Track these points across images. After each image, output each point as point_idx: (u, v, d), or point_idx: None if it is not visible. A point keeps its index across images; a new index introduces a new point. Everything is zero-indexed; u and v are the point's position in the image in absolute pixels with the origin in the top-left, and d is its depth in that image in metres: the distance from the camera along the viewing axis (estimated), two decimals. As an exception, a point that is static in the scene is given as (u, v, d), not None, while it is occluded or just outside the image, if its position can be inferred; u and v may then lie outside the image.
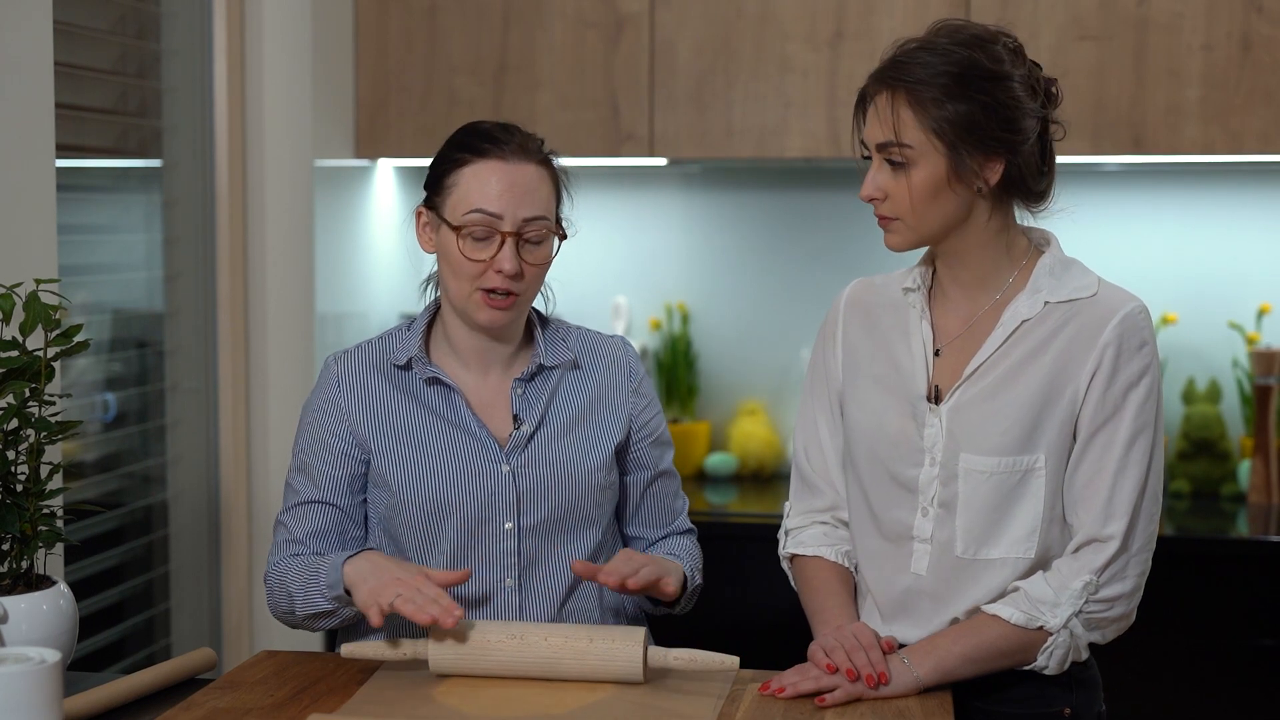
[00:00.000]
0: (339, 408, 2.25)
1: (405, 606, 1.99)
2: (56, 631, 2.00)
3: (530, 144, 2.22)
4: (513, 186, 2.17)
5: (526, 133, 2.24)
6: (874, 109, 2.05)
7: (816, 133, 3.59)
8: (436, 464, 2.21)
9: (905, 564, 2.11)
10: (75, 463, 3.01)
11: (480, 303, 2.19)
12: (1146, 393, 2.03)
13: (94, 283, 3.12)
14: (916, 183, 2.02)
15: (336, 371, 2.28)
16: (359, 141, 3.75)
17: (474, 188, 2.17)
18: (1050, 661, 2.03)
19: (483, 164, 2.18)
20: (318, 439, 2.26)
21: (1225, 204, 3.81)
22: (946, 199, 2.03)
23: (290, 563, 2.21)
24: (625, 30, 3.65)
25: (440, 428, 2.23)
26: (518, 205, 2.17)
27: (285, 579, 2.19)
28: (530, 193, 2.18)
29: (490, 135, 2.21)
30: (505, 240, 2.16)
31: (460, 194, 2.18)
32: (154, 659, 3.22)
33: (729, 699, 1.97)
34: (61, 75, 2.78)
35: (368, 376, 2.27)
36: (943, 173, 2.01)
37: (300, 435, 2.29)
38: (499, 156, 2.18)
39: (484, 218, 2.16)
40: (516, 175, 2.18)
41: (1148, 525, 2.04)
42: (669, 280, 4.04)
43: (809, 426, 2.24)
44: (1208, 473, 3.73)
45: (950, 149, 2.00)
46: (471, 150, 2.20)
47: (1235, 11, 3.43)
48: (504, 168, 2.18)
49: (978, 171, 2.02)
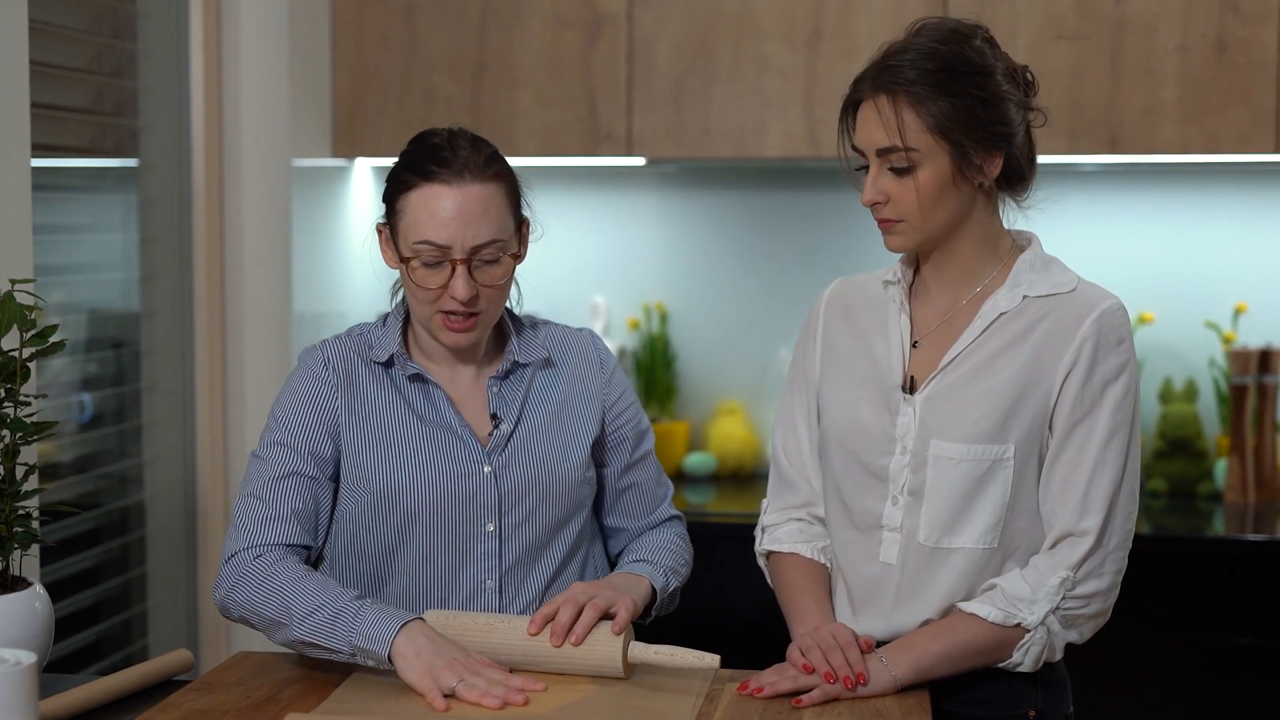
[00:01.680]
0: (326, 383, 2.21)
1: (469, 694, 1.91)
2: (32, 633, 1.99)
3: (476, 158, 2.14)
4: (460, 213, 2.11)
5: (475, 143, 2.17)
6: (870, 114, 2.04)
7: (795, 132, 3.59)
8: (418, 461, 2.20)
9: (875, 553, 2.11)
10: (51, 463, 3.00)
11: (441, 325, 2.16)
12: (1124, 389, 2.04)
13: (70, 283, 3.11)
14: (923, 183, 2.02)
15: (323, 354, 2.23)
16: (336, 141, 3.75)
17: (421, 217, 2.11)
18: (1026, 658, 2.04)
19: (428, 189, 2.11)
20: (298, 414, 2.19)
21: (1202, 204, 3.83)
22: (951, 197, 2.04)
23: (293, 573, 2.08)
24: (604, 29, 3.64)
25: (421, 427, 2.22)
26: (466, 232, 2.11)
27: (285, 591, 2.06)
28: (479, 217, 2.12)
29: (436, 153, 2.14)
30: (456, 268, 2.11)
31: (408, 222, 2.13)
32: (131, 660, 3.21)
33: (708, 698, 1.98)
34: (37, 74, 2.76)
35: (353, 363, 2.23)
36: (947, 172, 2.02)
37: (278, 410, 2.22)
38: (443, 180, 2.11)
39: (432, 249, 2.11)
40: (463, 200, 2.11)
41: (1124, 522, 2.05)
42: (647, 280, 4.04)
43: (788, 423, 2.25)
44: (1184, 472, 3.74)
45: (954, 146, 2.01)
46: (418, 172, 2.13)
47: (1211, 12, 3.44)
48: (449, 193, 2.11)
49: (980, 166, 2.04)
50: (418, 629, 1.99)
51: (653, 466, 2.38)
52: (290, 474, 2.17)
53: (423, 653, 1.96)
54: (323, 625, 2.02)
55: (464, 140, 2.17)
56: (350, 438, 2.21)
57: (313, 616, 2.03)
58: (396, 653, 1.97)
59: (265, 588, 2.08)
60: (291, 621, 2.04)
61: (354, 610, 2.01)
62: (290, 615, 2.05)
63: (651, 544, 2.33)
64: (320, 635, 2.02)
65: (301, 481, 2.17)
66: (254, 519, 2.15)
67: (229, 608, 2.12)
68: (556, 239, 2.27)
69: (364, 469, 2.20)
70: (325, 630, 2.02)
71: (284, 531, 2.15)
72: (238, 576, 2.11)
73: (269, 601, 2.07)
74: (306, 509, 2.17)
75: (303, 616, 2.03)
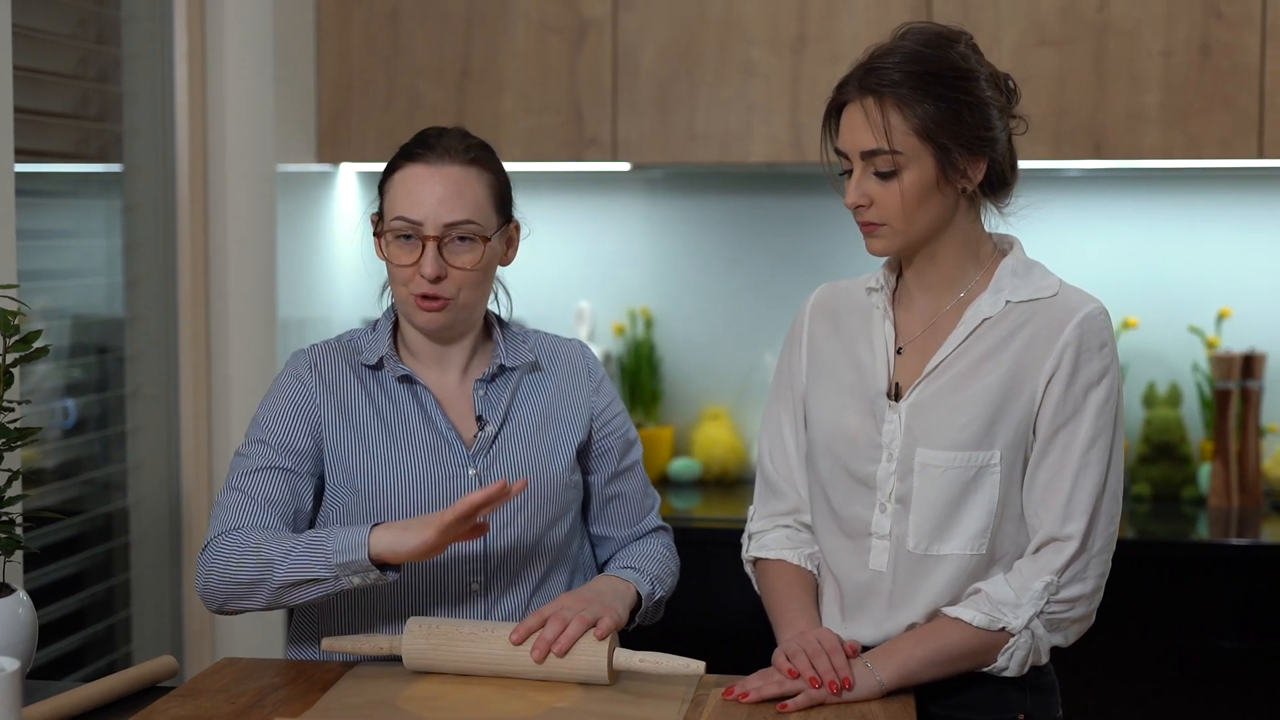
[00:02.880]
0: (309, 388, 2.23)
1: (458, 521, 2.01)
2: (15, 639, 1.98)
3: (459, 145, 2.21)
4: (434, 191, 2.17)
5: (464, 136, 2.24)
6: (856, 116, 2.04)
7: (780, 137, 3.59)
8: (403, 466, 2.21)
9: (864, 560, 2.11)
10: (35, 469, 2.99)
11: (414, 305, 2.20)
12: (1107, 394, 2.05)
13: (54, 288, 3.10)
14: (907, 187, 2.02)
15: (308, 359, 2.26)
16: (321, 146, 3.74)
17: (400, 194, 2.19)
18: (1011, 663, 2.04)
19: (410, 169, 2.20)
20: (279, 413, 2.22)
21: (1185, 209, 3.84)
22: (935, 202, 2.04)
23: (261, 533, 2.12)
24: (588, 35, 3.65)
25: (406, 428, 2.22)
26: (439, 210, 2.17)
27: (260, 547, 2.10)
28: (454, 196, 2.17)
29: (423, 139, 2.22)
30: (425, 244, 2.16)
31: (390, 200, 2.21)
32: (115, 667, 3.20)
33: (693, 704, 1.98)
34: (21, 79, 2.76)
35: (339, 368, 2.25)
36: (932, 175, 2.02)
37: (261, 412, 2.25)
38: (423, 160, 2.19)
39: (405, 224, 2.18)
40: (439, 178, 2.18)
41: (1108, 526, 2.06)
42: (632, 285, 4.04)
43: (774, 429, 2.25)
44: (1168, 476, 3.75)
45: (939, 149, 2.01)
46: (404, 155, 2.22)
47: (1194, 17, 3.45)
48: (426, 172, 2.18)
49: (964, 171, 2.04)
50: (384, 524, 2.06)
51: (639, 477, 2.39)
52: (267, 467, 2.20)
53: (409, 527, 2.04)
54: (300, 559, 2.07)
55: (455, 133, 2.24)
56: (335, 440, 2.22)
57: (289, 556, 2.07)
58: (380, 547, 2.03)
59: (239, 552, 2.11)
60: (272, 569, 2.08)
61: (324, 535, 2.07)
62: (269, 564, 2.09)
63: (639, 552, 2.34)
64: (300, 569, 2.07)
65: (278, 474, 2.19)
66: (229, 508, 2.18)
67: (210, 590, 2.14)
68: (541, 244, 2.28)
69: (348, 471, 2.21)
70: (303, 562, 2.07)
71: (259, 517, 2.16)
72: (213, 558, 2.14)
73: (245, 563, 2.10)
74: (282, 498, 2.19)
75: (280, 559, 2.08)
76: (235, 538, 2.13)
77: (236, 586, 2.12)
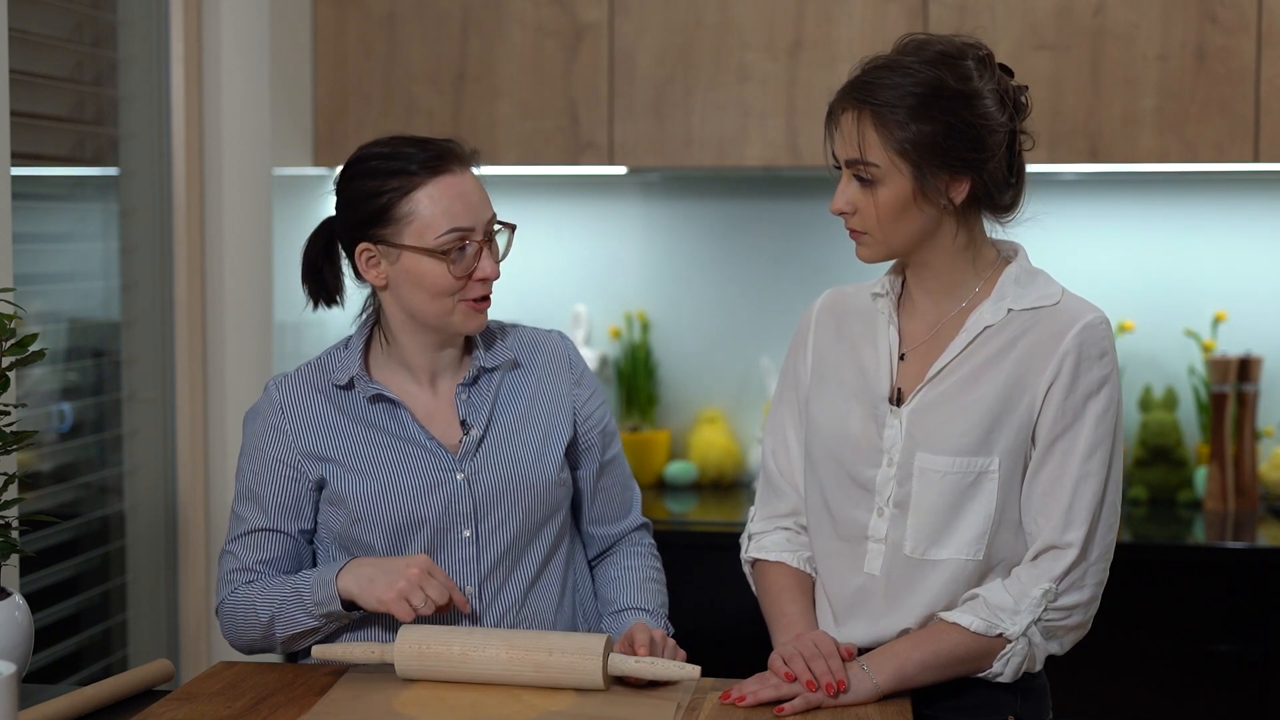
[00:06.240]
0: (283, 433, 2.24)
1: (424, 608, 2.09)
2: (11, 643, 1.98)
3: (456, 149, 2.23)
4: (468, 195, 2.20)
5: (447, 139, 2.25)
6: (842, 125, 2.05)
7: (775, 142, 3.60)
8: (392, 481, 2.21)
9: (859, 564, 2.12)
10: (31, 473, 2.99)
11: (467, 311, 2.21)
12: (1106, 403, 2.05)
13: (50, 292, 3.10)
14: (882, 200, 2.02)
15: (278, 398, 2.27)
16: (317, 149, 3.74)
17: (439, 210, 2.17)
18: (1006, 669, 2.04)
19: (435, 183, 2.18)
20: (263, 465, 2.25)
21: (1181, 213, 3.84)
22: (913, 216, 2.04)
23: (254, 588, 2.21)
24: (585, 39, 3.65)
25: (389, 444, 2.23)
26: (481, 209, 2.21)
27: (256, 603, 2.20)
28: (483, 196, 2.23)
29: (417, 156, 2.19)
30: (482, 248, 2.19)
31: (425, 219, 2.17)
32: (111, 670, 3.20)
33: (689, 707, 1.98)
34: (17, 83, 2.76)
35: (310, 399, 2.26)
36: (908, 192, 2.02)
37: (244, 461, 2.28)
38: (445, 171, 2.19)
39: (459, 235, 2.17)
40: (467, 184, 2.21)
41: (1106, 534, 2.06)
42: (629, 289, 4.04)
43: (777, 431, 2.26)
44: (1164, 480, 3.76)
45: (915, 169, 2.01)
46: (413, 175, 2.18)
47: (1190, 22, 3.46)
48: (455, 180, 2.19)
49: (943, 190, 2.03)
50: (351, 566, 2.15)
51: (621, 469, 2.40)
52: (257, 530, 2.26)
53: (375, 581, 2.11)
54: (291, 615, 2.17)
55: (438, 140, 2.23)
56: (320, 472, 2.24)
57: (282, 610, 2.18)
58: (349, 595, 2.13)
59: (243, 613, 2.22)
60: (273, 626, 2.19)
61: (305, 585, 2.17)
62: (270, 623, 2.20)
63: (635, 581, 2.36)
64: (294, 624, 2.18)
65: (266, 536, 2.26)
66: (227, 571, 2.27)
67: (242, 646, 2.27)
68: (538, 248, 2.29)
69: (338, 494, 2.23)
70: (294, 618, 2.17)
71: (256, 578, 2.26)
72: (224, 619, 2.26)
73: (250, 623, 2.22)
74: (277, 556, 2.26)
75: (276, 615, 2.18)
76: (237, 597, 2.23)
77: (253, 641, 2.24)
